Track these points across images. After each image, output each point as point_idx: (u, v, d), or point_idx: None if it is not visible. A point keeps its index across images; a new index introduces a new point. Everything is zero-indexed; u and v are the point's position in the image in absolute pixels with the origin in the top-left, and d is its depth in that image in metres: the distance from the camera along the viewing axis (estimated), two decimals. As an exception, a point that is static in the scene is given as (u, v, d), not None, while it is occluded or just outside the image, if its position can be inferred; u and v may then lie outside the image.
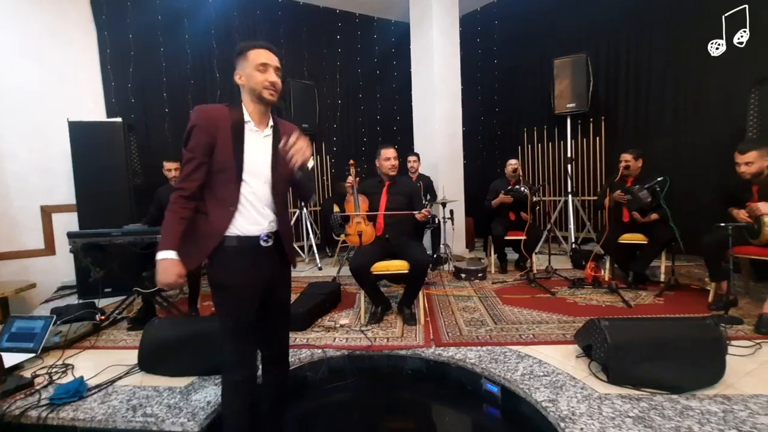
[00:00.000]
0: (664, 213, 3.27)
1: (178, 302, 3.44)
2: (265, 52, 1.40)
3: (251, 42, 1.42)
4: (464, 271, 4.04)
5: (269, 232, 1.45)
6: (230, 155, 1.37)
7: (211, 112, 1.39)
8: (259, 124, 1.45)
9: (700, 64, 4.15)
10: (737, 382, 1.85)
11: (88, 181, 3.95)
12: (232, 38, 5.19)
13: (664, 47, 4.43)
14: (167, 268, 1.30)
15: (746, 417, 1.59)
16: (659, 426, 1.55)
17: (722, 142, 3.95)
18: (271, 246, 1.45)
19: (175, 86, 4.87)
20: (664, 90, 4.47)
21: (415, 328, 2.74)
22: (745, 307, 2.85)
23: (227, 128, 1.38)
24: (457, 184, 5.31)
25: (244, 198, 1.40)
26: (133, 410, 1.86)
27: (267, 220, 1.45)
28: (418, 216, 2.74)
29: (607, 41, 4.91)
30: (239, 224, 1.40)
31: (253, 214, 1.42)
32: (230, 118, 1.40)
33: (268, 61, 1.39)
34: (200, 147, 1.36)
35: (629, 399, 1.75)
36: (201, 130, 1.36)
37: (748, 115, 3.63)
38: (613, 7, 4.82)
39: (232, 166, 1.37)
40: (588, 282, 3.58)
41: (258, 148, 1.43)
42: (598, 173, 5.16)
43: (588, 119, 5.12)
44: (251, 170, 1.40)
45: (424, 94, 5.32)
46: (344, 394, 2.32)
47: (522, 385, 1.91)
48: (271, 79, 1.39)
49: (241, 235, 1.40)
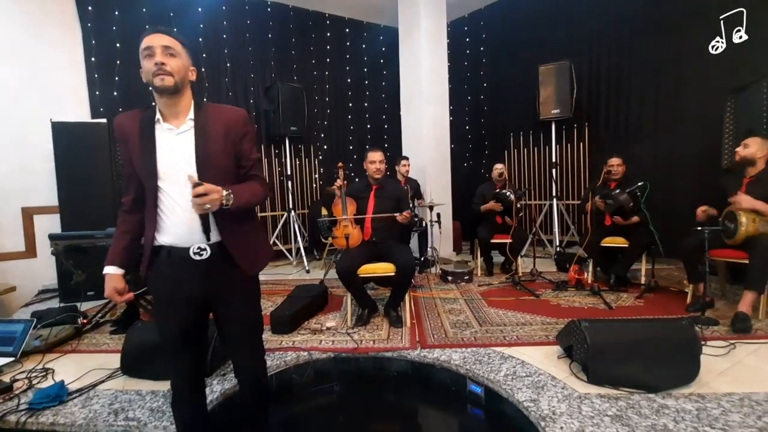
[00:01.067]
0: (644, 217, 3.36)
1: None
2: (149, 36, 1.23)
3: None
4: (451, 274, 4.08)
5: (205, 244, 1.28)
6: (141, 163, 1.26)
7: (121, 121, 1.31)
8: (173, 120, 1.28)
9: (679, 73, 4.27)
10: (712, 381, 1.91)
11: (71, 182, 3.90)
12: (221, 42, 5.18)
13: (644, 56, 4.55)
14: (105, 282, 1.34)
15: (719, 415, 1.63)
16: (636, 424, 1.59)
17: (700, 149, 4.07)
18: (210, 259, 1.29)
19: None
20: (644, 98, 4.59)
21: (401, 331, 2.75)
22: (721, 308, 2.93)
23: (136, 135, 1.27)
24: (444, 188, 5.36)
25: (164, 206, 1.28)
26: (115, 414, 1.84)
27: (200, 229, 1.26)
28: (399, 218, 2.78)
29: (589, 49, 5.02)
30: (166, 236, 1.29)
31: (176, 223, 1.27)
32: (140, 123, 1.28)
33: (150, 44, 1.22)
34: (125, 160, 1.31)
35: (608, 398, 1.79)
36: (119, 142, 1.32)
37: (725, 123, 3.75)
38: (596, 16, 4.93)
39: (145, 175, 1.27)
40: (571, 284, 3.64)
41: (174, 148, 1.27)
42: (581, 178, 5.25)
43: (572, 125, 5.23)
44: (168, 175, 1.26)
45: (413, 99, 5.37)
46: (329, 397, 2.33)
47: (505, 385, 1.94)
48: (157, 60, 1.20)
49: (171, 246, 1.29)
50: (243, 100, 5.31)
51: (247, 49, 5.36)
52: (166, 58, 1.22)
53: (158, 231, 1.30)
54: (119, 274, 1.35)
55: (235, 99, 5.24)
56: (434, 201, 4.58)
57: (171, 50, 1.24)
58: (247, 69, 5.36)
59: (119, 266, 1.36)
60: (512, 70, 5.80)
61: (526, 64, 5.35)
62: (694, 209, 3.03)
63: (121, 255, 1.36)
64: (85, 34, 4.39)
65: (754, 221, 2.64)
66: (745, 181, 2.80)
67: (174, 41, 1.25)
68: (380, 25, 6.42)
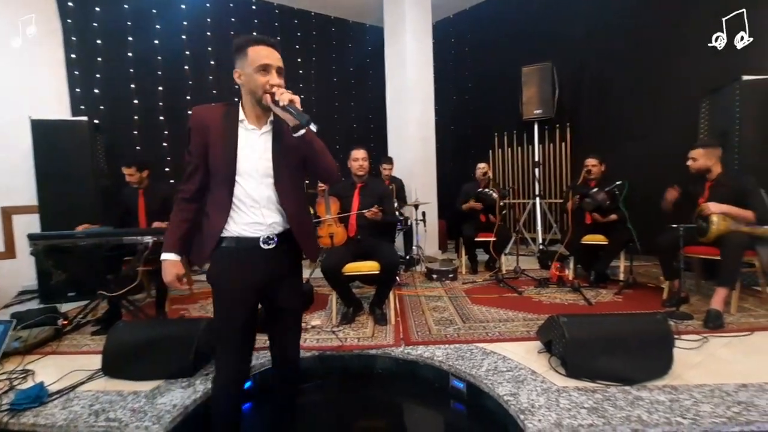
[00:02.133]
0: (622, 215, 3.44)
1: (146, 306, 3.35)
2: (266, 49, 1.31)
3: (250, 37, 1.33)
4: (436, 272, 4.11)
5: (273, 233, 1.39)
6: (221, 158, 1.34)
7: (203, 113, 1.37)
8: (256, 122, 1.38)
9: (658, 76, 4.38)
10: (684, 374, 1.97)
11: (51, 181, 3.81)
12: (204, 39, 5.13)
13: (625, 59, 4.65)
14: (165, 269, 1.39)
15: (690, 405, 1.69)
16: (611, 416, 1.63)
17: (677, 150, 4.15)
18: (276, 247, 1.39)
19: (145, 88, 4.75)
20: (624, 100, 4.69)
21: (386, 328, 2.77)
22: (696, 303, 3.02)
23: (218, 129, 1.35)
24: (430, 187, 5.39)
25: (237, 200, 1.35)
26: (96, 415, 1.81)
27: (269, 220, 1.38)
28: (368, 214, 2.84)
29: (571, 52, 5.10)
30: (236, 226, 1.36)
31: (249, 216, 1.36)
32: (222, 119, 1.36)
33: (269, 62, 1.30)
34: (195, 149, 1.36)
35: (585, 391, 1.83)
36: (194, 132, 1.36)
37: (700, 125, 3.86)
38: (577, 19, 5.02)
39: (223, 168, 1.34)
40: (553, 281, 3.71)
41: (254, 146, 1.37)
42: (564, 177, 5.34)
43: (554, 125, 5.31)
44: (246, 171, 1.35)
45: (398, 98, 5.39)
46: (314, 396, 2.33)
47: (486, 380, 1.97)
48: (273, 82, 1.30)
49: (239, 236, 1.36)
50: (228, 98, 5.24)
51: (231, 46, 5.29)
52: (280, 80, 1.32)
53: (229, 221, 1.36)
54: (179, 261, 1.40)
55: (219, 97, 5.18)
56: (419, 200, 4.60)
57: (282, 71, 1.35)
58: (232, 67, 5.27)
59: (179, 253, 1.40)
60: (496, 71, 5.86)
61: (509, 65, 5.41)
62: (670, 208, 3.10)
63: (179, 242, 1.39)
64: (65, 30, 4.30)
65: (724, 219, 2.72)
66: (707, 185, 2.90)
67: (281, 61, 1.35)
68: (366, 25, 6.42)
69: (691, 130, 3.95)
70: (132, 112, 4.69)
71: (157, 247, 2.75)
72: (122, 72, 4.62)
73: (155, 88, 4.82)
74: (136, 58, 4.69)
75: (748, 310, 2.83)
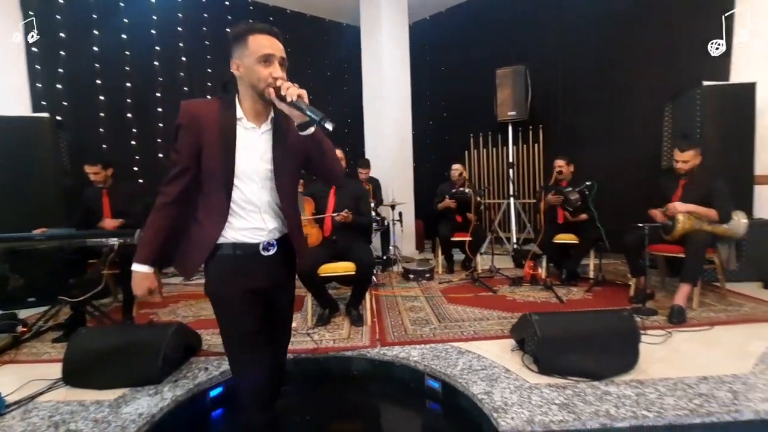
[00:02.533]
0: (592, 214, 3.53)
1: (112, 310, 3.23)
2: (268, 39, 1.19)
3: (250, 25, 1.20)
4: (412, 272, 4.12)
5: (273, 239, 1.30)
6: (217, 160, 1.21)
7: (196, 109, 1.23)
8: (255, 120, 1.26)
9: (627, 79, 4.53)
10: (650, 368, 2.03)
11: (11, 180, 3.60)
12: (176, 35, 4.98)
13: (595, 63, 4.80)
14: (136, 282, 1.29)
15: (655, 399, 1.75)
16: (581, 411, 1.67)
17: (643, 152, 4.35)
18: (276, 253, 1.31)
19: (112, 84, 4.57)
20: (594, 102, 4.83)
21: (362, 329, 2.75)
22: (661, 299, 3.13)
23: (214, 128, 1.21)
24: (407, 187, 5.41)
25: (236, 205, 1.25)
26: (56, 427, 1.72)
27: (270, 225, 1.29)
28: (338, 218, 2.82)
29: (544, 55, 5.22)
30: (234, 232, 1.26)
31: (249, 221, 1.27)
32: (219, 116, 1.22)
33: (273, 52, 1.19)
34: (185, 149, 1.22)
35: (556, 387, 1.87)
36: (185, 130, 1.22)
37: (664, 128, 4.01)
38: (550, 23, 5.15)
39: (220, 171, 1.22)
40: (527, 280, 3.78)
41: (254, 147, 1.25)
42: (536, 178, 5.46)
43: (527, 127, 5.42)
44: (245, 174, 1.24)
45: (375, 99, 5.38)
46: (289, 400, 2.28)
47: (461, 379, 1.98)
48: (276, 75, 1.18)
49: (236, 242, 1.26)
50: (199, 95, 5.11)
51: (204, 43, 5.17)
52: (283, 73, 1.21)
53: (226, 227, 1.26)
54: (152, 273, 1.30)
55: (191, 93, 5.05)
56: (396, 200, 4.61)
57: (285, 62, 1.24)
58: (204, 63, 5.18)
59: (152, 265, 1.30)
60: (472, 73, 5.93)
61: (485, 68, 5.47)
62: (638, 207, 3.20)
63: (155, 254, 1.28)
64: (27, 22, 4.08)
65: (689, 218, 2.83)
66: (681, 182, 3.00)
67: (284, 51, 1.24)
68: (342, 24, 6.39)
69: (654, 134, 4.11)
70: (98, 108, 4.50)
71: (124, 250, 2.65)
72: (87, 67, 4.43)
73: (122, 84, 4.65)
74: (102, 52, 4.50)
75: (708, 305, 2.96)
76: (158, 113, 4.87)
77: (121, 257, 2.67)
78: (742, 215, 2.85)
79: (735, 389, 1.79)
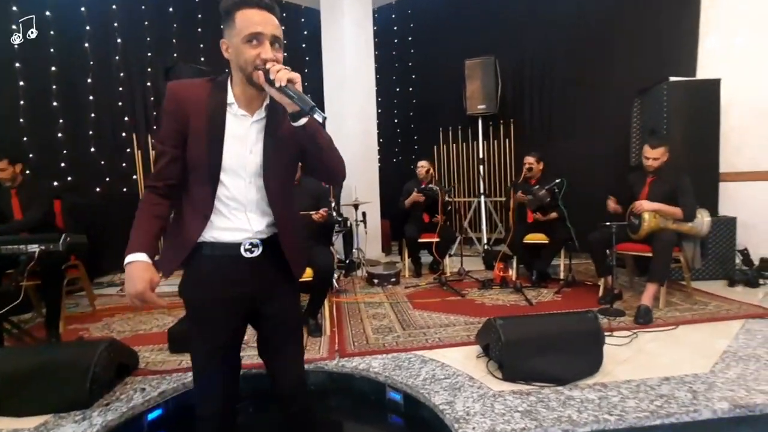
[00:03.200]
0: (562, 213, 3.69)
1: (34, 327, 3.07)
2: (258, 14, 1.11)
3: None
4: (377, 277, 4.15)
5: (257, 239, 1.25)
6: (203, 150, 1.17)
7: (184, 91, 1.19)
8: (247, 107, 1.21)
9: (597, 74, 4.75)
10: (614, 370, 2.16)
11: None
12: (110, 14, 4.77)
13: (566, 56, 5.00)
14: (134, 274, 1.11)
15: (618, 402, 1.86)
16: (543, 417, 1.75)
17: (613, 148, 4.58)
18: (262, 257, 1.26)
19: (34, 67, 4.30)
20: (565, 97, 5.04)
21: (320, 340, 2.75)
22: (629, 299, 3.31)
23: (202, 114, 1.17)
24: (371, 185, 5.43)
25: (219, 202, 1.21)
26: (-39, 463, 1.63)
27: (255, 227, 1.24)
28: (316, 216, 2.80)
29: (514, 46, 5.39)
30: (216, 231, 1.23)
31: (231, 220, 1.23)
32: (207, 101, 1.18)
33: (261, 29, 1.11)
34: (170, 137, 1.18)
35: (520, 394, 1.95)
36: (169, 116, 1.18)
37: (632, 123, 4.24)
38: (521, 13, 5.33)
39: (205, 163, 1.18)
40: (497, 283, 3.89)
41: (243, 137, 1.20)
42: (508, 174, 5.62)
43: (498, 121, 5.57)
44: (232, 168, 1.20)
45: (337, 88, 5.37)
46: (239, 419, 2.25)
47: (422, 389, 2.03)
48: (266, 56, 1.11)
49: (217, 242, 1.23)
50: (138, 82, 4.93)
51: (143, 23, 4.98)
52: (274, 53, 1.12)
53: (207, 227, 1.21)
54: (152, 264, 1.18)
55: (128, 80, 4.86)
56: (359, 199, 4.63)
57: (279, 41, 1.15)
58: (143, 47, 4.99)
59: (150, 255, 1.18)
60: (441, 63, 6.03)
61: (453, 58, 5.58)
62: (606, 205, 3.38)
63: (152, 242, 1.18)
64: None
65: (655, 217, 3.01)
66: (648, 180, 3.18)
67: (279, 27, 1.15)
68: (301, 6, 6.33)
69: (623, 130, 4.34)
70: (17, 95, 4.24)
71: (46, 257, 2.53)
72: (4, 48, 4.16)
73: (47, 67, 4.40)
74: (22, 31, 4.23)
75: (675, 305, 3.16)
76: (89, 102, 4.65)
77: (43, 266, 2.55)
78: (705, 213, 3.07)
79: (695, 389, 1.93)
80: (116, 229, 4.63)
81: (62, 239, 2.58)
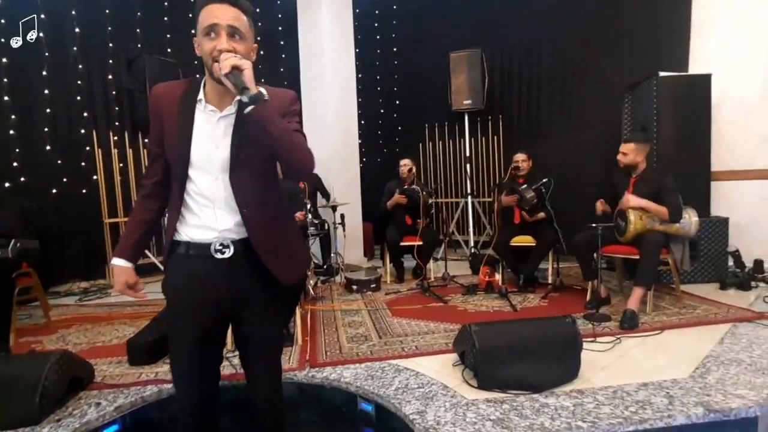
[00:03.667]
0: (549, 214, 3.79)
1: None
2: (216, 7, 1.19)
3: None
4: (356, 283, 4.21)
5: (228, 240, 1.30)
6: (173, 147, 1.29)
7: (161, 92, 1.33)
8: (218, 103, 1.29)
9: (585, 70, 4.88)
10: (593, 377, 2.25)
11: None
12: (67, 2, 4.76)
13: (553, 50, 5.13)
14: (114, 276, 1.40)
15: (592, 408, 1.94)
16: (515, 426, 1.83)
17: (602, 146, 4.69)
18: (238, 259, 1.31)
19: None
20: (553, 93, 5.18)
21: (291, 350, 2.80)
22: (617, 304, 3.42)
23: (174, 112, 1.29)
24: (352, 186, 5.49)
25: (189, 198, 1.30)
26: None
27: (222, 225, 1.30)
28: (299, 215, 2.85)
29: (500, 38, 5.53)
30: (189, 228, 1.32)
31: (201, 217, 1.30)
32: (180, 99, 1.30)
33: (217, 21, 1.19)
34: (154, 137, 1.35)
35: (494, 402, 2.02)
36: (151, 116, 1.34)
37: (623, 120, 4.37)
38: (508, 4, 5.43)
39: (175, 158, 1.29)
40: (482, 288, 3.98)
41: (211, 133, 1.28)
42: (496, 173, 5.73)
43: (486, 117, 5.68)
44: (199, 163, 1.28)
45: (315, 84, 5.43)
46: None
47: (394, 399, 2.09)
48: (221, 47, 1.18)
49: (191, 242, 1.32)
50: (98, 74, 4.94)
51: (104, 11, 4.99)
52: (234, 43, 1.20)
53: (180, 223, 1.34)
54: (131, 267, 1.39)
55: (86, 73, 4.86)
56: (338, 200, 4.68)
57: (238, 32, 1.22)
58: (105, 37, 5.00)
59: (129, 260, 1.39)
60: (425, 56, 6.12)
61: (438, 51, 5.69)
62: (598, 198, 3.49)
63: (133, 248, 1.40)
64: None
65: (641, 218, 3.13)
66: (632, 180, 3.30)
67: (241, 16, 1.23)
68: (275, -8, 6.37)
69: (613, 127, 4.47)
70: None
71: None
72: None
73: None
74: None
75: (662, 309, 3.28)
76: (45, 96, 4.64)
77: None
78: (693, 213, 3.19)
79: (672, 394, 2.02)
80: (75, 233, 4.67)
81: (11, 245, 2.60)
